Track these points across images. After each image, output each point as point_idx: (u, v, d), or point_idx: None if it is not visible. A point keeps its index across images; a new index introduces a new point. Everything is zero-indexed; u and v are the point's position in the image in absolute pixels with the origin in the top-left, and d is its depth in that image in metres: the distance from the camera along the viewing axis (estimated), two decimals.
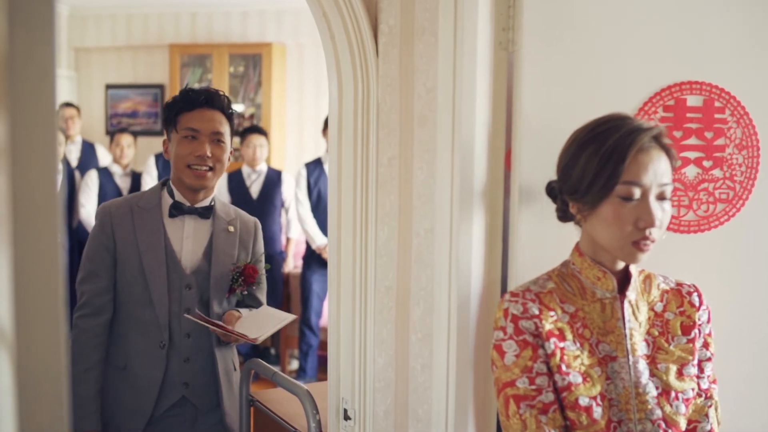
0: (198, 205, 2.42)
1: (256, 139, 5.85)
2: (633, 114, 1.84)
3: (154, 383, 2.35)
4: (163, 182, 2.47)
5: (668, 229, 1.88)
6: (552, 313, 1.61)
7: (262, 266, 2.53)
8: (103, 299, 2.34)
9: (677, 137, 1.88)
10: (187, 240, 2.40)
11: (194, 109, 2.38)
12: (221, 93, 2.45)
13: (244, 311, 2.47)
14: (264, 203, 5.81)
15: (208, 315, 2.39)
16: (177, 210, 2.40)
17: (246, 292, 2.50)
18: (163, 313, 2.34)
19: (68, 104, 6.55)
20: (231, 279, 2.43)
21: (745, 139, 1.92)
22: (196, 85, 6.97)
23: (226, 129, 2.41)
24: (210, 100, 2.40)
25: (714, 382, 1.70)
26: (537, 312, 1.60)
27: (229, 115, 2.44)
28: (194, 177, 2.36)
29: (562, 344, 1.59)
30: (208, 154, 2.35)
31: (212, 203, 2.46)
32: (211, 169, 2.37)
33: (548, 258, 1.74)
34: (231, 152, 2.46)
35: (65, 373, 0.69)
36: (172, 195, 2.41)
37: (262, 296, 2.56)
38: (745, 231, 1.94)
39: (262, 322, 2.39)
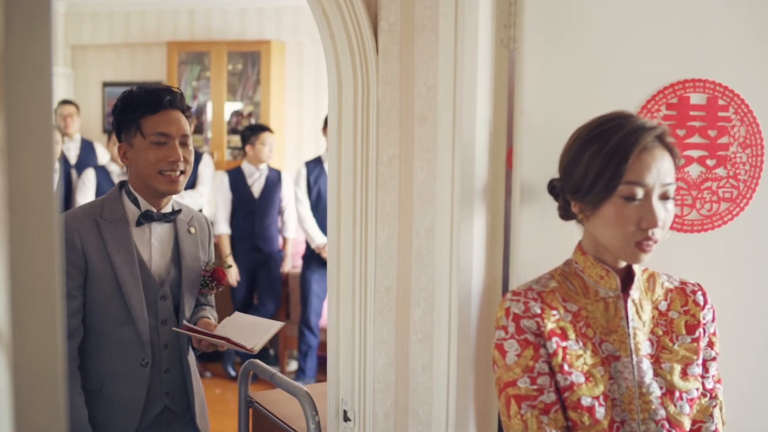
0: (165, 211, 2.35)
1: (270, 138, 5.85)
2: (636, 112, 1.84)
3: (137, 403, 2.28)
4: (120, 185, 2.36)
5: (672, 228, 1.88)
6: (554, 312, 1.61)
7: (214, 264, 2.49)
8: (75, 320, 2.23)
9: (680, 135, 1.88)
10: (155, 247, 2.33)
11: (158, 111, 2.28)
12: (178, 90, 2.35)
13: (208, 312, 2.46)
14: (265, 202, 5.81)
15: (178, 322, 2.35)
16: (146, 219, 2.31)
17: (212, 294, 2.48)
18: (145, 328, 2.27)
19: (67, 102, 6.55)
20: (202, 283, 2.40)
21: (749, 138, 1.92)
22: (194, 83, 7.01)
23: (189, 129, 2.34)
24: (173, 100, 2.30)
25: (719, 381, 1.70)
26: (539, 311, 1.60)
27: (187, 114, 2.35)
28: (167, 183, 2.28)
29: (564, 343, 1.59)
30: (181, 158, 2.28)
31: (176, 207, 2.40)
32: (182, 172, 2.30)
33: (550, 257, 1.74)
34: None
35: (62, 373, 0.69)
36: (135, 202, 2.32)
37: (212, 295, 2.54)
38: (749, 230, 1.94)
39: (248, 329, 2.36)
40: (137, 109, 2.28)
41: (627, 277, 1.66)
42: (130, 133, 2.29)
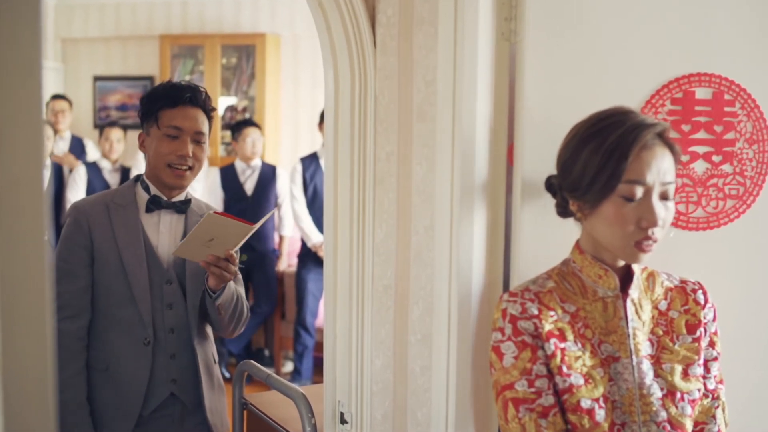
0: (175, 200, 2.45)
1: (254, 133, 5.84)
2: (640, 107, 1.84)
3: (140, 382, 2.37)
4: (136, 178, 2.49)
5: (677, 226, 1.88)
6: (552, 313, 1.61)
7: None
8: (83, 300, 2.35)
9: (686, 131, 1.88)
10: (163, 235, 2.43)
11: (177, 105, 2.40)
12: (203, 90, 2.47)
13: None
14: (258, 200, 5.80)
15: (186, 308, 2.42)
16: (154, 204, 2.42)
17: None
18: (146, 309, 2.36)
19: (59, 96, 6.53)
20: (205, 273, 2.43)
21: (756, 133, 1.92)
22: (187, 77, 7.01)
23: (206, 128, 2.45)
24: (194, 97, 2.41)
25: (721, 382, 1.71)
26: (536, 312, 1.60)
27: (209, 114, 2.47)
28: (173, 176, 2.39)
29: (562, 345, 1.60)
30: (190, 154, 2.38)
31: (188, 197, 2.50)
32: (190, 168, 2.40)
33: (552, 256, 1.74)
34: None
35: (52, 374, 0.69)
36: (147, 190, 2.44)
37: (241, 288, 2.57)
38: (756, 228, 1.94)
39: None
40: (158, 101, 2.41)
41: (626, 277, 1.66)
42: (148, 122, 2.44)
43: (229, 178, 5.83)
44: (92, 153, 6.55)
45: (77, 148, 6.51)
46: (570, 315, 1.63)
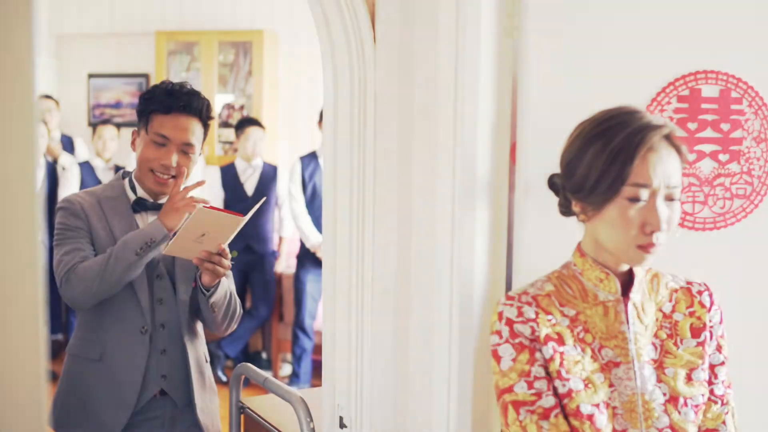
0: (161, 201, 2.46)
1: (256, 133, 5.84)
2: (646, 105, 1.84)
3: (136, 371, 2.37)
4: (123, 174, 2.51)
5: (683, 226, 1.88)
6: (550, 317, 1.61)
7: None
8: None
9: (692, 129, 1.88)
10: None
11: (170, 113, 2.40)
12: (202, 97, 2.46)
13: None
14: (259, 199, 5.80)
15: (176, 303, 2.43)
16: (140, 206, 2.44)
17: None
18: (145, 297, 2.37)
19: (45, 96, 6.53)
20: (196, 269, 2.44)
21: (764, 132, 1.92)
22: (183, 75, 7.01)
23: (198, 138, 2.44)
24: (189, 105, 2.41)
25: (729, 386, 1.70)
26: (533, 316, 1.60)
27: (206, 121, 2.46)
28: (155, 183, 2.41)
29: (561, 349, 1.59)
30: (173, 164, 2.39)
31: None
32: (173, 177, 2.41)
33: (555, 257, 1.74)
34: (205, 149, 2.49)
35: (44, 372, 0.69)
36: (134, 190, 2.46)
37: (232, 284, 2.58)
38: (763, 228, 1.94)
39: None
40: (152, 104, 2.42)
41: (628, 280, 1.66)
42: (141, 123, 2.45)
43: (229, 177, 5.83)
44: (82, 152, 6.55)
45: (67, 147, 6.51)
46: (569, 319, 1.63)
